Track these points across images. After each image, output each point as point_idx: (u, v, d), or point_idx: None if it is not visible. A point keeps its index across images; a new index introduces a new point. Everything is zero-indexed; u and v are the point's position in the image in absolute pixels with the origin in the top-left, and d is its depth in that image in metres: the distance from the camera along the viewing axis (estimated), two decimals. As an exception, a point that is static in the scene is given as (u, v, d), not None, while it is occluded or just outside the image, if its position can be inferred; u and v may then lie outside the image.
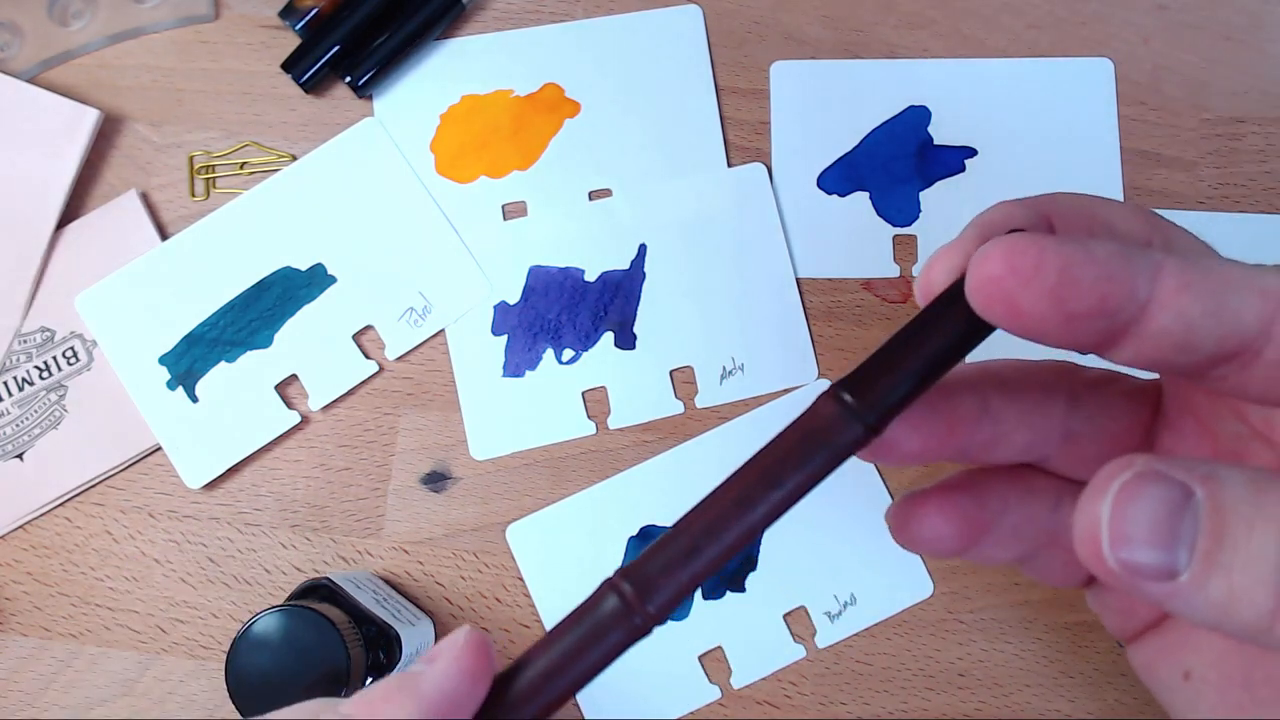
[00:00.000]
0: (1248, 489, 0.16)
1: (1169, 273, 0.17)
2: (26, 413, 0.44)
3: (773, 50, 0.47)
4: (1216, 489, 0.16)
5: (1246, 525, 0.16)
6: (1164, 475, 0.16)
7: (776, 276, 0.45)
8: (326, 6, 0.46)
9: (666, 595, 0.19)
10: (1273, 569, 0.15)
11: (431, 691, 0.19)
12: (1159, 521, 0.16)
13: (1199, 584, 0.16)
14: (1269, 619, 0.16)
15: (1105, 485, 0.17)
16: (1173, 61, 0.47)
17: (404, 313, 0.45)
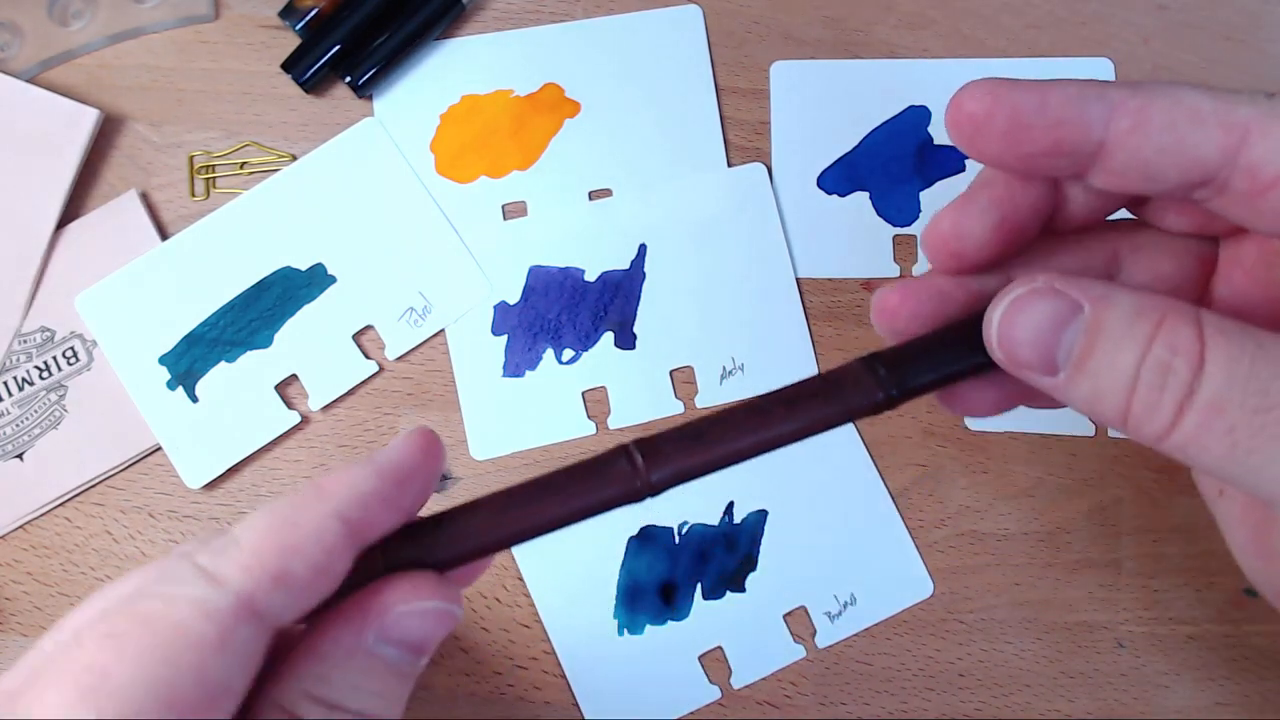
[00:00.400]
0: (1128, 311, 0.20)
1: (1123, 113, 0.20)
2: (26, 413, 0.44)
3: (773, 50, 0.47)
4: (1103, 309, 0.20)
5: (1114, 343, 0.19)
6: (1059, 292, 0.20)
7: (776, 276, 0.45)
8: (326, 6, 0.46)
9: (670, 471, 0.21)
10: (1126, 380, 0.19)
11: (385, 461, 0.21)
12: (1042, 330, 0.20)
13: (1073, 383, 0.20)
14: (1122, 416, 0.20)
15: (1000, 298, 0.21)
16: (1173, 61, 0.47)
17: (404, 313, 0.45)
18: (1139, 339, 0.19)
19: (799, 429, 0.22)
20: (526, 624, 0.42)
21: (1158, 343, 0.19)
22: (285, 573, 0.18)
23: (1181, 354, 0.19)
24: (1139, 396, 0.19)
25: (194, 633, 0.17)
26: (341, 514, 0.19)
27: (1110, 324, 0.19)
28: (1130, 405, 0.19)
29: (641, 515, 0.43)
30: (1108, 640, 0.42)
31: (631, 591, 0.42)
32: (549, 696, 0.42)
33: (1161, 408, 0.19)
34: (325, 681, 0.19)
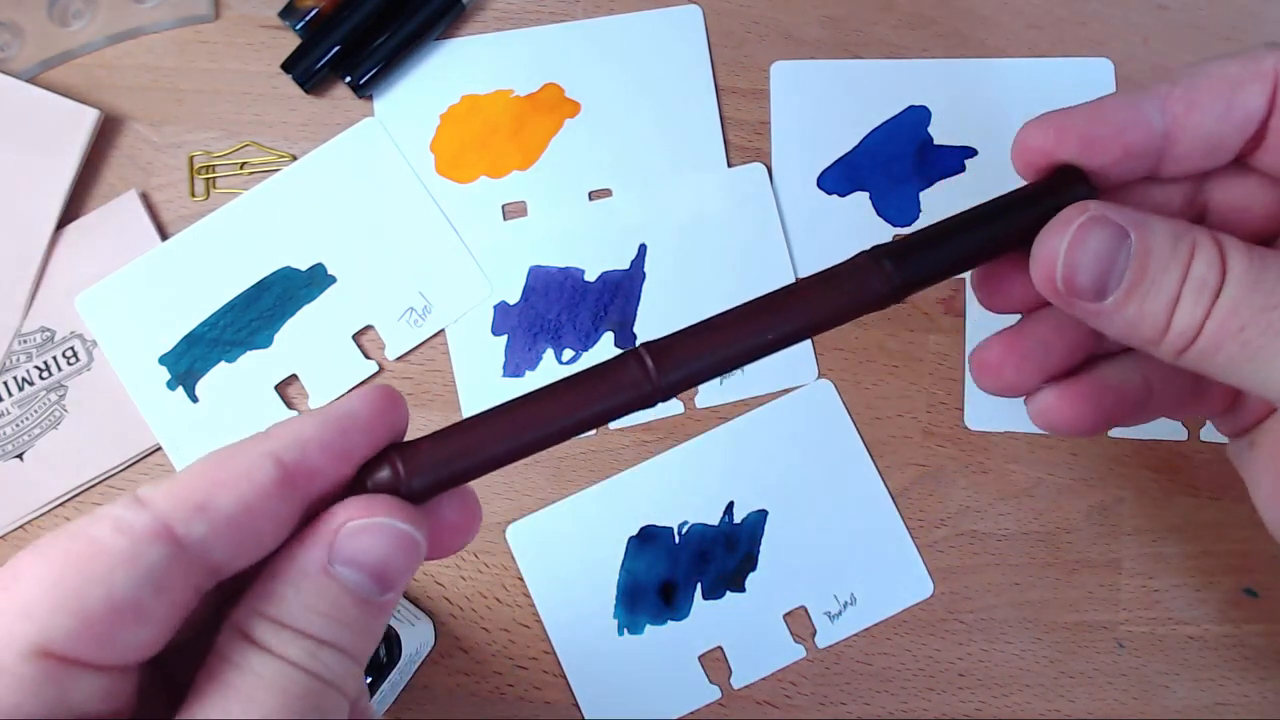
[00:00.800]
0: (1169, 235, 0.22)
1: (1175, 100, 0.23)
2: (26, 413, 0.44)
3: (773, 50, 0.47)
4: (1145, 234, 0.22)
5: (1161, 266, 0.22)
6: (1109, 220, 0.22)
7: (776, 276, 0.45)
8: (326, 6, 0.46)
9: (680, 375, 0.21)
10: (1170, 298, 0.22)
11: (334, 409, 0.20)
12: (1102, 256, 0.22)
13: (1120, 307, 0.22)
14: (1161, 332, 0.22)
15: (1066, 225, 0.22)
16: (1173, 61, 0.47)
17: (404, 313, 0.45)
18: (1181, 260, 0.21)
19: (808, 323, 0.22)
20: (526, 624, 0.42)
21: (1195, 261, 0.21)
22: (207, 503, 0.18)
23: (1212, 268, 0.21)
24: (1181, 311, 0.21)
25: (104, 544, 0.18)
26: (276, 454, 0.19)
27: (1155, 248, 0.22)
28: (1171, 321, 0.22)
29: (641, 515, 0.43)
30: (1108, 640, 0.42)
31: (631, 591, 0.42)
32: (549, 696, 0.42)
33: (1194, 318, 0.21)
34: (279, 600, 0.19)
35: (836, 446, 0.44)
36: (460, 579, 0.43)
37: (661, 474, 0.43)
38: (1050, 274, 0.23)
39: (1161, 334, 0.22)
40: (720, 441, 0.44)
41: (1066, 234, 0.22)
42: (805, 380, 0.44)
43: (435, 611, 0.43)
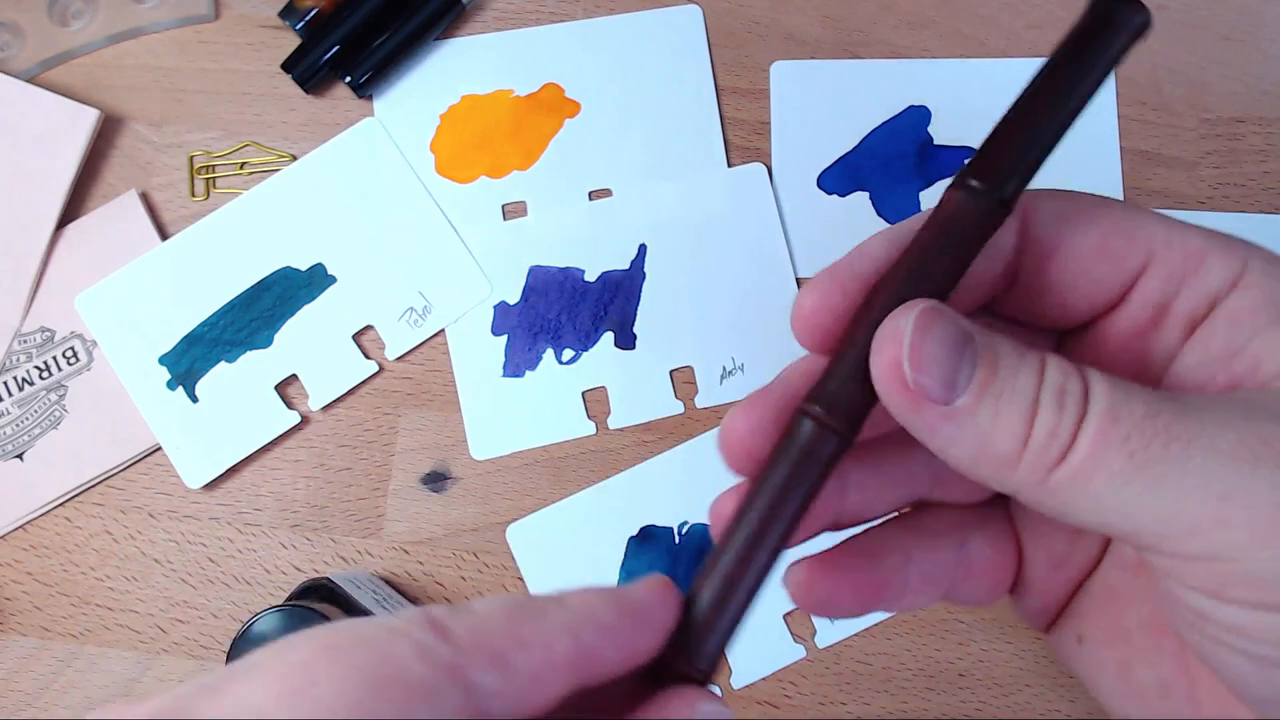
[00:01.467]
0: (1011, 346, 0.19)
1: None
2: (26, 413, 0.44)
3: (773, 50, 0.47)
4: (990, 338, 0.19)
5: (1011, 368, 0.19)
6: (949, 315, 0.19)
7: (776, 276, 0.45)
8: (326, 6, 0.46)
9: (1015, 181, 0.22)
10: (1029, 402, 0.19)
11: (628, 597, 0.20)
12: (948, 346, 0.19)
13: (971, 410, 0.19)
14: (1021, 442, 0.19)
15: (902, 318, 0.19)
16: (1173, 61, 0.47)
17: (404, 313, 0.45)
18: (1033, 367, 0.19)
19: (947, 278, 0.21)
20: (526, 624, 0.42)
21: (1049, 370, 0.19)
22: (504, 659, 0.18)
23: (1072, 377, 0.19)
24: (1041, 418, 0.19)
25: (407, 670, 0.17)
26: (574, 632, 0.19)
27: (1002, 353, 0.19)
28: (1031, 430, 0.19)
29: (641, 515, 0.43)
30: (1108, 640, 0.42)
31: (631, 591, 0.42)
32: (549, 696, 0.42)
33: (1061, 427, 0.18)
34: None
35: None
36: (460, 579, 0.43)
37: (661, 474, 0.43)
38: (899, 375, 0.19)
39: (1021, 447, 0.19)
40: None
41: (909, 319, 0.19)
42: (805, 380, 0.44)
43: (435, 611, 0.43)
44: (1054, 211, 0.22)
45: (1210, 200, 0.46)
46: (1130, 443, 0.18)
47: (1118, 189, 0.46)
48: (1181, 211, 0.45)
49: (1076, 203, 0.23)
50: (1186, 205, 0.45)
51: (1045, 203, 0.23)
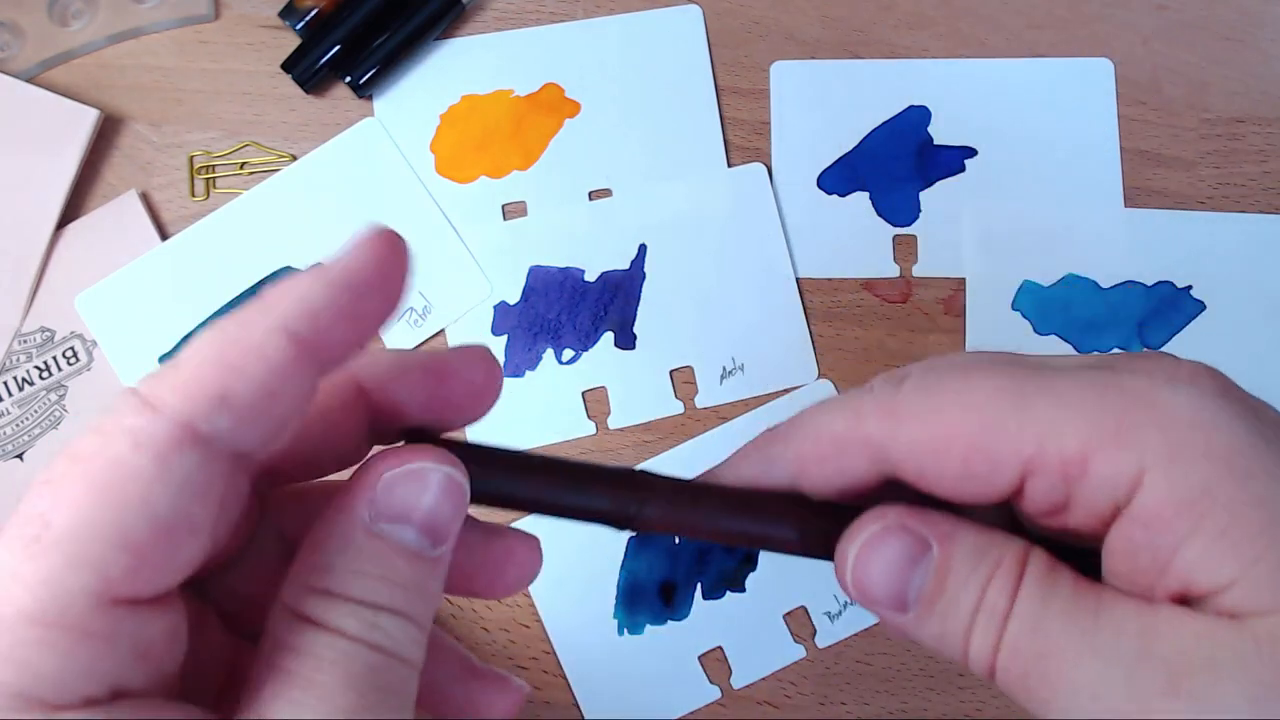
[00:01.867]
0: (971, 551, 0.20)
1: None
2: (26, 413, 0.44)
3: (773, 50, 0.47)
4: (949, 548, 0.20)
5: (960, 583, 0.20)
6: (910, 530, 0.20)
7: (776, 276, 0.45)
8: (326, 6, 0.46)
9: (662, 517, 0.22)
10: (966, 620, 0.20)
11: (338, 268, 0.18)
12: (895, 569, 0.20)
13: (921, 621, 0.20)
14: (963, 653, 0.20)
15: (856, 533, 0.21)
16: (1173, 61, 0.47)
17: (404, 313, 0.45)
18: (980, 580, 0.20)
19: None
20: (526, 624, 0.42)
21: (992, 583, 0.20)
22: (226, 393, 0.16)
23: (1003, 596, 0.19)
24: (974, 637, 0.20)
25: (129, 465, 0.16)
26: (288, 328, 0.17)
27: (956, 564, 0.20)
28: (968, 647, 0.20)
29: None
30: (1108, 640, 0.42)
31: (631, 591, 0.42)
32: (549, 696, 0.42)
33: (985, 649, 0.20)
34: (325, 570, 0.18)
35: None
36: (460, 579, 0.43)
37: (661, 474, 0.43)
38: (844, 582, 0.21)
39: (966, 658, 0.20)
40: (720, 441, 0.43)
41: (856, 543, 0.21)
42: (805, 380, 0.44)
43: (435, 611, 0.43)
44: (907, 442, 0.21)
45: (1210, 200, 0.46)
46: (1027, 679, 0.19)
47: (1118, 189, 0.46)
48: (1181, 211, 0.45)
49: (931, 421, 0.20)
50: (1186, 205, 0.46)
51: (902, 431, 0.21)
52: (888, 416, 0.20)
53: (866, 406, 0.21)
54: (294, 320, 0.17)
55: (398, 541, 0.18)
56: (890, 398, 0.21)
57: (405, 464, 0.19)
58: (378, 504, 0.18)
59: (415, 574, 0.18)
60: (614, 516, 0.22)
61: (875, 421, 0.21)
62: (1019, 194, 0.46)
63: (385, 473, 0.19)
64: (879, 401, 0.21)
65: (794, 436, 0.22)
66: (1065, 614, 0.19)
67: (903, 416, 0.20)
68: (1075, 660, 0.19)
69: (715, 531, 0.22)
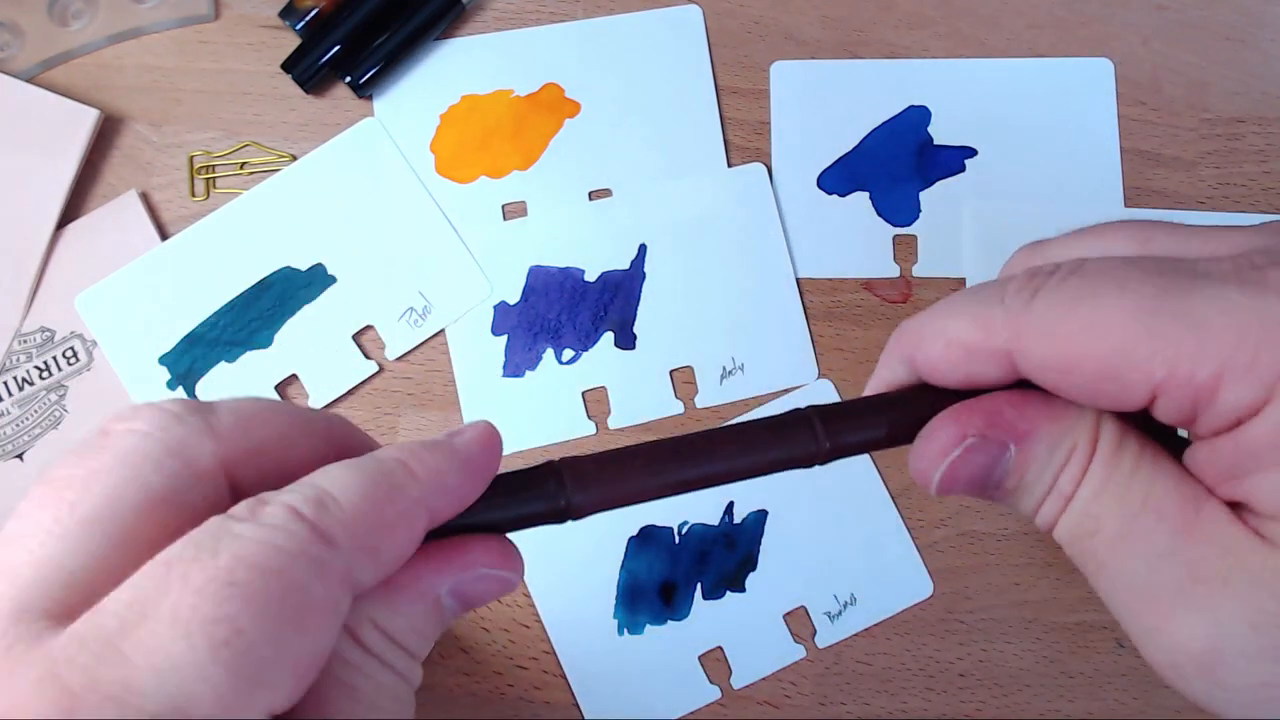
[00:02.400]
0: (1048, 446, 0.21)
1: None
2: (26, 413, 0.44)
3: (773, 50, 0.47)
4: (1026, 448, 0.21)
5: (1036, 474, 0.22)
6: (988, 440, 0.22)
7: (776, 276, 0.45)
8: (326, 6, 0.46)
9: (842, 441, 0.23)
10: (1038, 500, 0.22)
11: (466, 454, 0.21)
12: (978, 474, 0.22)
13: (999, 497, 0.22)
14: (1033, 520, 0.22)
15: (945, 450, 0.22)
16: (1173, 61, 0.47)
17: (404, 313, 0.45)
18: (1054, 471, 0.21)
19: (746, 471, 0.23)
20: (526, 624, 0.42)
21: (1064, 474, 0.21)
22: (377, 550, 0.18)
23: (1071, 480, 0.21)
24: (1042, 510, 0.22)
25: (318, 599, 0.17)
26: (428, 504, 0.19)
27: (1032, 460, 0.22)
28: (1036, 513, 0.22)
29: (641, 515, 0.43)
30: (1108, 640, 0.42)
31: (631, 591, 0.42)
32: (549, 696, 0.42)
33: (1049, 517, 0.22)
34: (393, 615, 0.19)
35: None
36: (460, 579, 0.43)
37: (661, 474, 0.43)
38: (928, 483, 0.23)
39: (1032, 518, 0.22)
40: (720, 441, 0.43)
41: (944, 461, 0.22)
42: (805, 380, 0.44)
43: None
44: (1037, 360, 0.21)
45: (1210, 200, 0.46)
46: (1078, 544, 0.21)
47: (1118, 189, 0.46)
48: (1181, 212, 0.45)
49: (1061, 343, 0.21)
50: (1186, 205, 0.46)
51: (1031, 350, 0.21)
52: (1018, 334, 0.21)
53: (997, 321, 0.21)
54: (434, 498, 0.20)
55: (447, 611, 0.21)
56: (1021, 312, 0.21)
57: (502, 569, 0.21)
58: (459, 589, 0.20)
59: (438, 633, 0.21)
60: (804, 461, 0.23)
61: (1005, 337, 0.21)
62: (1019, 194, 0.46)
63: (482, 569, 0.21)
64: (1010, 316, 0.21)
65: (925, 343, 0.23)
66: (1116, 500, 0.21)
67: (1032, 336, 0.21)
68: (1114, 542, 0.20)
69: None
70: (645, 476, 0.22)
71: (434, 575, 0.20)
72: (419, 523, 0.19)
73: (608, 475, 0.22)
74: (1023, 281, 0.21)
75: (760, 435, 0.23)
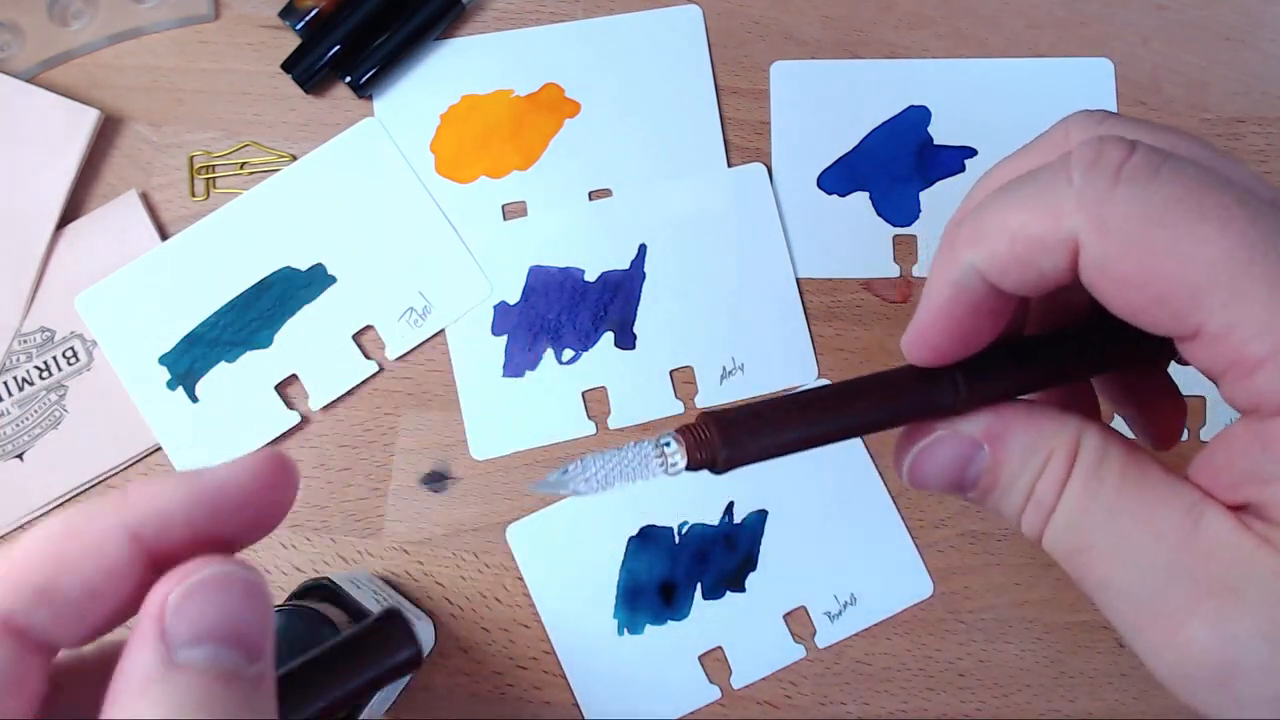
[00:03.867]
0: (1024, 448, 0.21)
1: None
2: (26, 413, 0.44)
3: (773, 50, 0.47)
4: (999, 449, 0.21)
5: (1011, 477, 0.21)
6: (960, 437, 0.21)
7: (776, 276, 0.45)
8: (326, 6, 0.46)
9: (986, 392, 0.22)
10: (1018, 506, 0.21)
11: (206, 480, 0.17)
12: (949, 468, 0.22)
13: (980, 500, 0.22)
14: (1016, 525, 0.21)
15: (910, 443, 0.22)
16: (1173, 61, 0.47)
17: (404, 313, 0.45)
18: (1030, 476, 0.21)
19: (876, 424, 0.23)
20: (526, 624, 0.42)
21: (1041, 480, 0.21)
22: (51, 589, 0.16)
23: (1051, 490, 0.21)
24: (1026, 516, 0.21)
25: None
26: (133, 530, 0.16)
27: (1007, 461, 0.21)
28: (1020, 524, 0.21)
29: (641, 515, 0.43)
30: (1108, 640, 0.42)
31: (631, 591, 0.42)
32: (549, 696, 0.42)
33: (1035, 528, 0.21)
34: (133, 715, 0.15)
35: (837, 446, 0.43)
36: (460, 579, 0.43)
37: (661, 474, 0.43)
38: (899, 472, 0.23)
39: (1019, 527, 0.22)
40: (720, 441, 0.43)
41: (913, 449, 0.22)
42: (805, 380, 0.44)
43: (435, 611, 0.43)
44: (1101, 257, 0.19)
45: (1210, 200, 0.46)
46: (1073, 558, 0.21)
47: (1118, 189, 0.46)
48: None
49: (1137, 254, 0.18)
50: (1186, 205, 0.45)
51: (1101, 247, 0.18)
52: (1094, 225, 0.18)
53: (1067, 203, 0.18)
54: (140, 522, 0.17)
55: (209, 666, 0.16)
56: (1100, 200, 0.18)
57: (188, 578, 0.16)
58: (171, 633, 0.16)
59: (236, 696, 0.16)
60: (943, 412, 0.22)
61: (1077, 223, 0.18)
62: (1019, 194, 0.46)
63: (169, 595, 0.16)
64: (1083, 200, 0.18)
65: (989, 240, 0.20)
66: (1106, 514, 0.20)
67: (1110, 232, 0.18)
68: (1109, 559, 0.20)
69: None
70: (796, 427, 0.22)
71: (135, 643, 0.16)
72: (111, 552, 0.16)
73: (756, 427, 0.22)
74: (1094, 157, 0.18)
75: (904, 382, 0.22)
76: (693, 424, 0.21)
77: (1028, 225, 0.19)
